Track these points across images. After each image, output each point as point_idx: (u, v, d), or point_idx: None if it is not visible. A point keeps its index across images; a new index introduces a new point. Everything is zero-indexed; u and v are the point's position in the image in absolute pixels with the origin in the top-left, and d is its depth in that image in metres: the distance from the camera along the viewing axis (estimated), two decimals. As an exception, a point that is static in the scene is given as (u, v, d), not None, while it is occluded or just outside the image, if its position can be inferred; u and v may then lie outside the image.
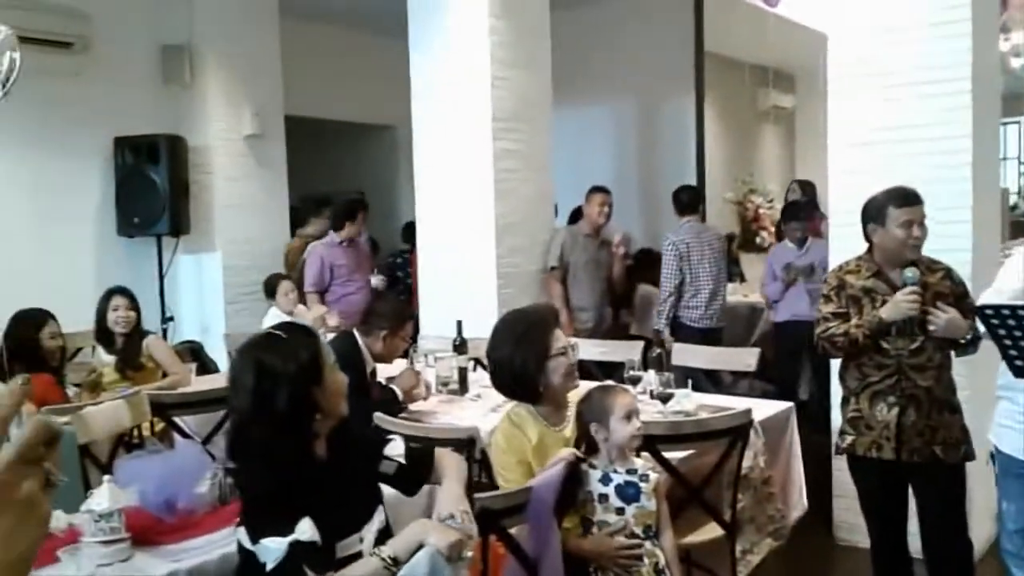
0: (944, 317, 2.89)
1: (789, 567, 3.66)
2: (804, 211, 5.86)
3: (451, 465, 2.29)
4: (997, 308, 2.62)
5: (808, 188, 6.77)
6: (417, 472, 2.27)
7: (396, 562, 2.00)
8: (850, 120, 4.07)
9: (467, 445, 2.99)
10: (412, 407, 3.71)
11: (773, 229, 7.52)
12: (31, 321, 4.05)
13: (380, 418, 3.16)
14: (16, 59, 3.14)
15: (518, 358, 2.69)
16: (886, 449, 3.02)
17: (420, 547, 2.01)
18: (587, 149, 7.53)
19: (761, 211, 8.01)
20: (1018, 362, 2.53)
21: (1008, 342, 2.53)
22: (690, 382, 3.66)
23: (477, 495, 2.30)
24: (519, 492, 2.42)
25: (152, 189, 5.96)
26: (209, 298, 6.38)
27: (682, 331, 5.39)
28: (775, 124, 9.11)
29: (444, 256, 5.26)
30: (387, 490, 2.27)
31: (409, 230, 7.50)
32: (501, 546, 2.38)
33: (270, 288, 5.51)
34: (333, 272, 5.86)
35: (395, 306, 4.11)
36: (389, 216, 8.41)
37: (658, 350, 3.77)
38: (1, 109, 3.28)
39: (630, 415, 2.52)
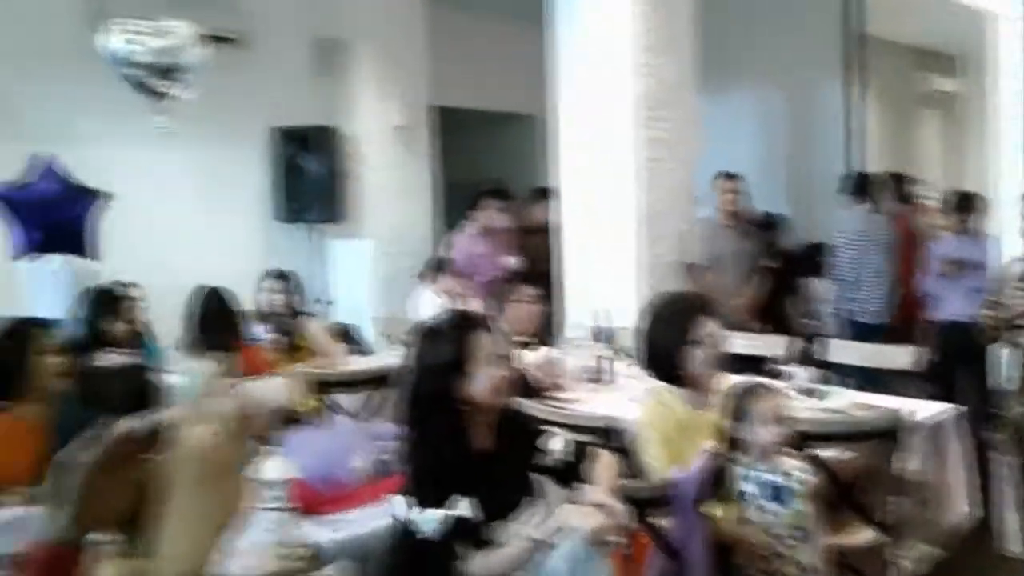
0: None
1: (948, 576, 3.47)
2: (973, 202, 5.47)
3: (605, 465, 2.31)
4: None
5: (900, 182, 6.27)
6: (578, 468, 2.29)
7: (542, 545, 2.04)
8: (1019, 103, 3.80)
9: (607, 434, 2.99)
10: (552, 395, 3.73)
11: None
12: (222, 296, 4.22)
13: (521, 402, 3.19)
14: (200, 54, 3.38)
15: (659, 339, 2.74)
16: (1019, 451, 2.85)
17: (567, 532, 2.04)
18: (732, 137, 7.32)
19: (925, 202, 7.57)
20: None
21: None
22: (844, 380, 3.54)
23: (621, 483, 2.30)
24: (664, 484, 2.41)
25: (307, 178, 6.23)
26: (360, 282, 6.61)
27: (848, 326, 5.17)
28: (937, 109, 8.60)
29: (586, 245, 5.25)
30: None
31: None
32: (645, 536, 2.37)
33: (439, 267, 5.58)
34: (475, 262, 5.95)
35: (513, 282, 4.18)
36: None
37: (810, 345, 3.65)
38: (172, 100, 3.52)
39: (772, 420, 2.45)
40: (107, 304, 4.07)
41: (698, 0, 5.35)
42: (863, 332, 4.99)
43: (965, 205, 5.46)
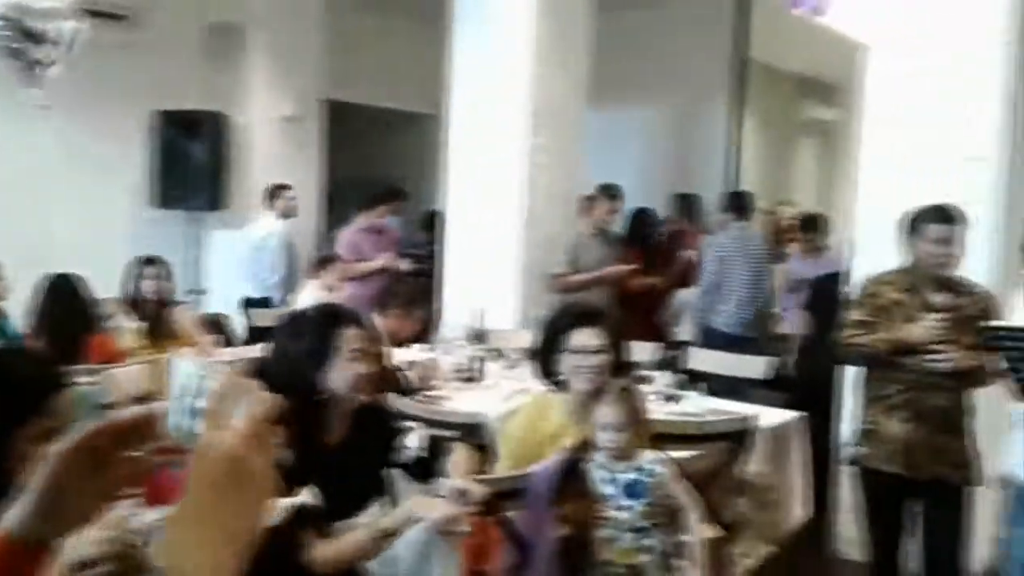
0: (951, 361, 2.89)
1: (786, 576, 3.65)
2: (817, 223, 5.94)
3: (461, 457, 2.37)
4: (1009, 329, 2.62)
5: (687, 201, 6.69)
6: (435, 463, 2.33)
7: (389, 534, 2.06)
8: (884, 135, 4.00)
9: (473, 430, 3.03)
10: (424, 393, 3.76)
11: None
12: (72, 282, 4.09)
13: (390, 399, 3.21)
14: (79, 28, 3.29)
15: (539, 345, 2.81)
16: (895, 463, 3.02)
17: (415, 522, 2.07)
18: (616, 152, 7.49)
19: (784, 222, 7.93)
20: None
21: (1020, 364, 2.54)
22: (703, 385, 3.68)
23: (477, 478, 2.35)
24: (517, 477, 2.46)
25: (189, 164, 6.07)
26: (236, 272, 6.47)
27: (712, 336, 5.35)
28: (816, 137, 9.02)
29: (469, 245, 5.31)
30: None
31: (430, 220, 7.53)
32: (495, 528, 2.43)
33: (324, 263, 5.45)
34: (360, 259, 5.90)
35: (410, 289, 4.21)
36: (422, 204, 8.46)
37: (672, 353, 3.80)
38: (45, 72, 3.40)
39: (606, 427, 2.48)
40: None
41: (593, 16, 5.50)
42: (727, 342, 5.18)
43: (810, 225, 5.87)
